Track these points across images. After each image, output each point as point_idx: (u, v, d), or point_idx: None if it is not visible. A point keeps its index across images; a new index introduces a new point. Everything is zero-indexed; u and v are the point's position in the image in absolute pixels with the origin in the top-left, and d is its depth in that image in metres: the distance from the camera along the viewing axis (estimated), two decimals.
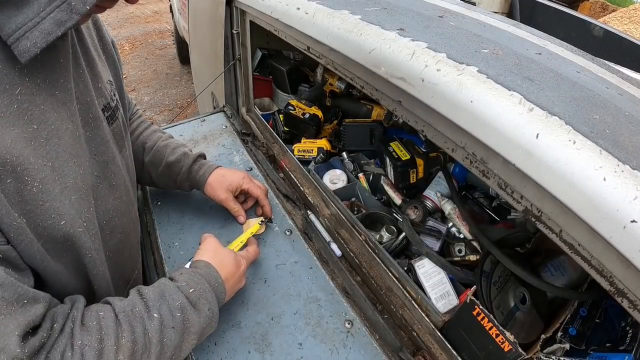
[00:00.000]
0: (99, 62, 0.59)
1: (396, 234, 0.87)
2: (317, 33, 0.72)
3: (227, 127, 1.22)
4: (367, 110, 1.18)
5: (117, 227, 0.59)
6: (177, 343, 0.52)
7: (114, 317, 0.48)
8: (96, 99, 0.54)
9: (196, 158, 0.84)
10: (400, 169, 0.96)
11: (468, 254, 0.81)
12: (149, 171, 0.83)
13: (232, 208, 0.84)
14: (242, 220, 0.85)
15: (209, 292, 0.57)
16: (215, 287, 0.59)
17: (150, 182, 0.87)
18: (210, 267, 0.61)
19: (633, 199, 0.34)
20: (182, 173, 0.82)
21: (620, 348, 0.59)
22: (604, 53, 1.22)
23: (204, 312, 0.55)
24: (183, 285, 0.55)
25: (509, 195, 0.48)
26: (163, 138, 0.85)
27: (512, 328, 0.66)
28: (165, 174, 0.83)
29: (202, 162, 0.85)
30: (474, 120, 0.46)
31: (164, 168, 0.82)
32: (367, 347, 0.66)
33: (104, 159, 0.55)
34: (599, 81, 0.56)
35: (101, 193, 0.55)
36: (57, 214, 0.45)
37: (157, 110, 3.47)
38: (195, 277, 0.58)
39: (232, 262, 0.65)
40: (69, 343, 0.44)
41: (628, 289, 0.39)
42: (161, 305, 0.52)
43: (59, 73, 0.47)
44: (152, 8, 6.12)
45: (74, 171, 0.48)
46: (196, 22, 1.83)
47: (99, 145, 0.55)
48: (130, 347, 0.47)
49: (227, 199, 0.83)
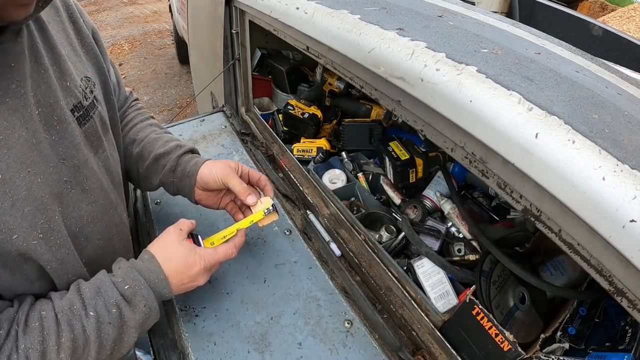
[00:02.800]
0: (73, 58, 0.56)
1: (395, 233, 0.87)
2: (317, 33, 0.72)
3: (226, 127, 1.21)
4: (366, 109, 1.18)
5: (94, 234, 0.57)
6: (116, 337, 0.52)
7: (54, 316, 0.49)
8: (63, 99, 0.50)
9: (187, 151, 0.74)
10: (399, 169, 0.96)
11: (467, 254, 0.81)
12: (137, 165, 0.74)
13: (235, 185, 0.68)
14: (252, 200, 0.69)
15: (145, 289, 0.55)
16: (155, 282, 0.56)
17: (137, 178, 0.77)
18: (153, 261, 0.58)
19: (632, 199, 0.34)
20: (169, 163, 0.72)
21: (619, 347, 0.59)
22: (603, 52, 1.22)
23: (139, 308, 0.54)
24: (119, 282, 0.54)
25: (508, 195, 0.48)
26: (157, 132, 0.77)
27: (512, 327, 0.66)
28: (151, 168, 0.73)
29: (194, 155, 0.75)
30: (473, 119, 0.46)
31: (151, 162, 0.72)
32: (367, 346, 0.66)
33: (74, 162, 0.52)
34: (598, 81, 0.56)
35: (72, 199, 0.52)
36: (7, 228, 0.43)
37: (156, 110, 3.46)
38: (132, 273, 0.55)
39: (183, 259, 0.59)
40: (14, 346, 0.46)
41: (627, 289, 0.39)
42: (97, 302, 0.52)
43: (10, 78, 0.44)
44: (152, 8, 6.11)
45: (29, 181, 0.45)
46: (195, 21, 1.83)
47: (68, 148, 0.51)
48: (70, 345, 0.48)
49: (229, 174, 0.69)
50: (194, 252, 0.61)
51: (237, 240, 0.66)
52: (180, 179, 0.72)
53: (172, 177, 0.72)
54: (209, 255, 0.62)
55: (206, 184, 0.70)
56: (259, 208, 0.69)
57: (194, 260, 0.60)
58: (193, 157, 0.73)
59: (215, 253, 0.63)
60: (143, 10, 6.06)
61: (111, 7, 6.24)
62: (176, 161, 0.72)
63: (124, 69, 4.18)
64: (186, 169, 0.71)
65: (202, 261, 0.60)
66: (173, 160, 0.72)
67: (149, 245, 0.61)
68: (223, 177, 0.69)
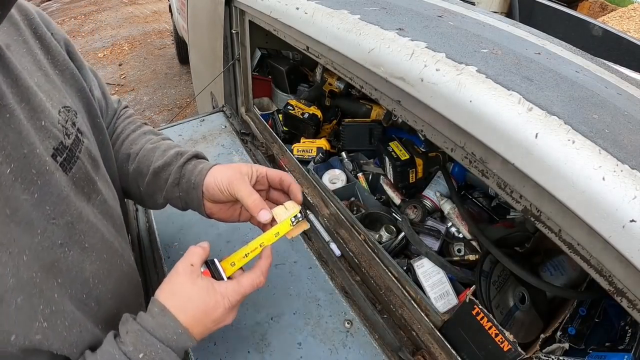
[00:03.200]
0: (46, 86, 0.46)
1: (395, 233, 0.87)
2: (316, 33, 0.72)
3: (226, 127, 1.21)
4: (366, 109, 1.18)
5: (104, 294, 0.49)
6: None
7: None
8: (40, 144, 0.40)
9: (191, 157, 0.62)
10: (399, 169, 0.96)
11: (467, 254, 0.81)
12: (136, 183, 0.63)
13: (244, 197, 0.55)
14: (266, 216, 0.55)
15: (163, 352, 0.45)
16: (173, 340, 0.46)
17: (139, 197, 0.66)
18: (166, 314, 0.46)
19: (632, 199, 0.34)
20: (172, 176, 0.60)
21: (619, 347, 0.58)
22: (603, 53, 1.22)
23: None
24: (130, 351, 0.44)
25: (508, 195, 0.48)
26: (153, 140, 0.65)
27: (512, 327, 0.66)
28: (153, 184, 0.62)
29: (199, 161, 0.62)
30: (473, 119, 0.46)
31: (151, 177, 0.61)
32: (367, 346, 0.66)
33: (66, 219, 0.43)
34: (598, 81, 0.56)
35: (72, 263, 0.44)
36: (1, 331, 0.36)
37: (156, 110, 3.46)
38: (144, 337, 0.44)
39: (201, 303, 0.48)
40: None
41: (627, 289, 0.39)
42: None
43: None
44: (152, 8, 6.11)
45: (13, 266, 0.36)
46: (195, 22, 1.83)
47: (56, 204, 0.41)
48: None
49: (236, 182, 0.56)
50: (213, 291, 0.49)
51: (262, 264, 0.54)
52: (186, 192, 0.60)
53: (177, 191, 0.60)
54: (232, 292, 0.50)
55: (212, 196, 0.58)
56: (283, 216, 0.56)
57: (215, 301, 0.49)
58: (198, 164, 0.61)
59: (239, 287, 0.50)
60: (143, 10, 6.06)
61: (111, 7, 6.24)
62: (179, 172, 0.60)
63: (124, 69, 4.18)
64: (191, 179, 0.59)
65: (224, 301, 0.49)
66: (175, 172, 0.60)
67: (158, 292, 0.49)
68: (230, 186, 0.56)
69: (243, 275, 0.52)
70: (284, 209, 0.57)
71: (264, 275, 0.53)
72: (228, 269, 0.53)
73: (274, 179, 0.60)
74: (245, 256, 0.54)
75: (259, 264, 0.54)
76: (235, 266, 0.53)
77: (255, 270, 0.53)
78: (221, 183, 0.56)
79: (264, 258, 0.54)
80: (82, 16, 5.80)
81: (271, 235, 0.55)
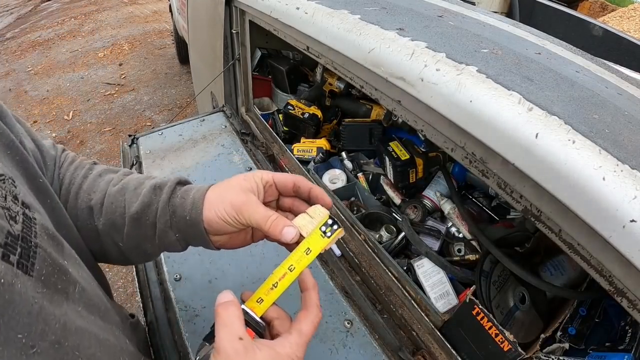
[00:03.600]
0: None
1: (395, 233, 0.87)
2: (317, 32, 0.72)
3: (226, 126, 1.21)
4: (366, 109, 1.18)
5: None
6: None
7: None
8: None
9: (173, 189, 0.48)
10: (399, 169, 0.96)
11: (467, 254, 0.81)
12: (112, 240, 0.48)
13: (259, 220, 0.43)
14: (291, 234, 0.44)
15: None
16: None
17: (120, 255, 0.50)
18: None
19: (632, 199, 0.34)
20: (160, 218, 0.46)
21: (619, 347, 0.59)
22: (603, 53, 1.22)
23: None
24: None
25: (509, 195, 0.48)
26: (114, 180, 0.50)
27: (512, 327, 0.66)
28: (135, 233, 0.47)
29: (186, 191, 0.48)
30: (473, 119, 0.46)
31: (131, 226, 0.46)
32: (367, 346, 0.66)
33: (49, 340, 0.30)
34: (598, 81, 0.56)
35: None
36: None
37: (156, 110, 3.46)
38: None
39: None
40: None
41: (627, 289, 0.39)
42: None
43: None
44: (152, 8, 6.11)
45: None
46: (195, 21, 1.83)
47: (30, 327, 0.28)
48: None
49: (244, 207, 0.43)
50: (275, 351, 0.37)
51: (312, 297, 0.43)
52: (184, 232, 0.47)
53: (173, 233, 0.47)
54: (297, 347, 0.39)
55: (218, 231, 0.46)
56: (310, 227, 0.45)
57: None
58: (186, 195, 0.47)
59: (302, 338, 0.39)
60: (143, 10, 6.06)
61: (111, 7, 6.24)
62: (167, 211, 0.46)
63: (124, 68, 4.18)
64: (185, 216, 0.46)
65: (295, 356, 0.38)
66: (162, 212, 0.46)
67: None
68: (239, 215, 0.44)
69: (300, 322, 0.41)
70: (308, 218, 0.45)
71: (319, 309, 0.42)
72: (256, 308, 0.42)
73: (285, 185, 0.48)
74: (273, 287, 0.43)
75: (309, 298, 0.43)
76: (264, 303, 0.42)
77: (310, 309, 0.42)
78: (225, 214, 0.44)
79: (311, 288, 0.43)
80: (82, 16, 5.80)
81: (301, 255, 0.44)
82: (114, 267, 2.04)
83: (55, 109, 3.49)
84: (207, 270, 0.77)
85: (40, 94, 3.71)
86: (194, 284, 0.75)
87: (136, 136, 1.13)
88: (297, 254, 0.44)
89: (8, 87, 3.85)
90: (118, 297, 1.92)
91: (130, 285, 1.96)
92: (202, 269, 0.78)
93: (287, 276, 0.43)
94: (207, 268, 0.78)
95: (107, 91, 3.76)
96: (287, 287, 0.42)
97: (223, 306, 0.39)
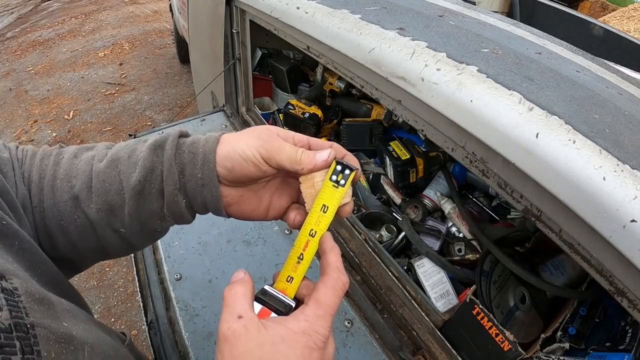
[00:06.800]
0: None
1: (396, 233, 0.87)
2: (317, 32, 0.72)
3: (227, 126, 1.21)
4: (366, 109, 1.18)
5: None
6: None
7: None
8: None
9: (177, 140, 0.41)
10: (400, 169, 0.96)
11: (468, 253, 0.81)
12: (110, 228, 0.39)
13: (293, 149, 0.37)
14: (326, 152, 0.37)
15: None
16: None
17: (120, 244, 0.41)
18: None
19: (633, 199, 0.34)
20: (166, 181, 0.38)
21: (619, 347, 0.58)
22: (603, 52, 1.22)
23: None
24: None
25: (509, 195, 0.48)
26: (96, 156, 0.40)
27: (512, 327, 0.66)
28: (139, 212, 0.39)
29: (192, 140, 0.42)
30: (473, 119, 0.46)
31: (133, 204, 0.38)
32: (367, 346, 0.66)
33: None
34: (598, 80, 0.56)
35: None
36: None
37: (156, 110, 3.46)
38: None
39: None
40: None
41: (628, 289, 0.39)
42: None
43: None
44: (152, 7, 6.11)
45: None
46: (196, 21, 1.83)
47: None
48: None
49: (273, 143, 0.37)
50: (293, 337, 0.31)
51: (331, 260, 0.36)
52: (193, 193, 0.39)
53: (182, 198, 0.39)
54: (315, 319, 0.32)
55: (233, 176, 0.39)
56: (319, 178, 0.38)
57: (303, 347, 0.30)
58: (194, 148, 0.41)
59: (321, 308, 0.33)
60: (143, 9, 6.06)
61: (112, 6, 6.24)
62: (176, 172, 0.39)
63: (125, 68, 4.18)
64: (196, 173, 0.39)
65: (313, 338, 0.31)
66: (170, 173, 0.38)
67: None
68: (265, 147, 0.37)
69: (318, 290, 0.34)
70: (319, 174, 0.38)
71: (339, 272, 0.35)
72: (288, 289, 0.37)
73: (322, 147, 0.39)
74: (300, 261, 0.37)
75: (327, 261, 0.36)
76: (295, 280, 0.37)
77: (329, 273, 0.35)
78: (247, 149, 0.37)
79: (329, 251, 0.36)
80: (83, 15, 5.80)
81: (318, 215, 0.37)
82: (114, 267, 2.04)
83: (55, 108, 3.49)
84: (207, 270, 0.77)
85: (41, 94, 3.71)
86: (194, 283, 0.75)
87: (137, 135, 1.13)
88: (313, 215, 0.37)
89: (8, 87, 3.86)
90: (118, 297, 1.92)
91: (131, 285, 1.96)
92: (202, 268, 0.78)
93: (310, 243, 0.37)
94: (207, 268, 0.78)
95: (107, 91, 3.76)
96: (314, 255, 0.37)
97: (229, 287, 0.35)
